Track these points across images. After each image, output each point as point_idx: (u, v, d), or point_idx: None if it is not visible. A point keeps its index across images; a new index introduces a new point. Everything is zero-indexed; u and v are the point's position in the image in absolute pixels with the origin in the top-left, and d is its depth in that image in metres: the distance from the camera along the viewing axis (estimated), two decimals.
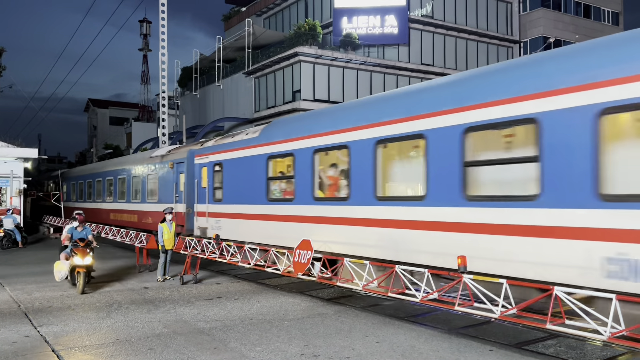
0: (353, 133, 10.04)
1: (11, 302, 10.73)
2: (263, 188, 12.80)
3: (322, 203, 10.92)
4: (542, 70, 7.18)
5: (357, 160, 9.89)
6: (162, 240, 13.27)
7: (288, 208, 11.89)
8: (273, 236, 12.28)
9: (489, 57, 40.31)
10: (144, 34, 64.53)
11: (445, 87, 8.92)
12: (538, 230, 6.89)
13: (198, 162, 16.29)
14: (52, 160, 77.39)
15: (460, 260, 7.61)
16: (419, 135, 8.69)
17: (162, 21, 31.44)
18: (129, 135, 54.66)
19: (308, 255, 10.35)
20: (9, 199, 25.08)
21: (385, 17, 35.76)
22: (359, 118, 10.10)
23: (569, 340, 7.60)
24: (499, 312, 7.09)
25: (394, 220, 9.10)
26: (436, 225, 8.32)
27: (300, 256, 10.53)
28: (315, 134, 11.07)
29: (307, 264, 10.27)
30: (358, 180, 9.88)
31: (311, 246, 10.40)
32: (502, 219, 7.35)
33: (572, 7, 42.56)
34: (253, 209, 13.28)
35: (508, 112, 7.32)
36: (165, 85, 32.42)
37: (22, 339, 7.85)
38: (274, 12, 42.79)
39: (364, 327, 8.49)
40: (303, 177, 11.34)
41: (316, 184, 11.12)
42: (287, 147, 11.93)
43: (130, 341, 7.70)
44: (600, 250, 6.22)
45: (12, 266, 16.44)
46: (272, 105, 34.84)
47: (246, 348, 7.31)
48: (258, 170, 13.00)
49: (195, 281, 12.99)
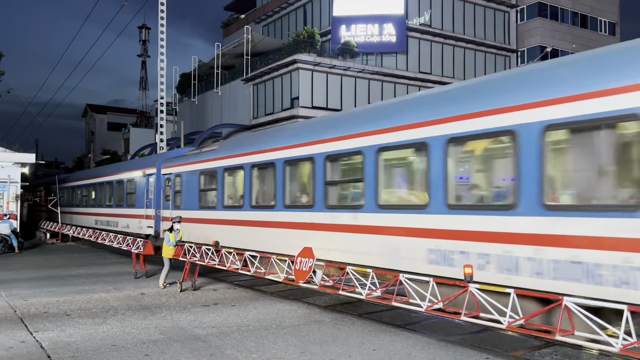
0: (276, 152, 12.50)
1: (7, 307, 10.70)
2: (197, 197, 16.22)
3: (257, 210, 13.13)
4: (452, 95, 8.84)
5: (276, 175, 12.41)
6: (169, 245, 13.35)
7: (237, 214, 13.90)
8: (226, 238, 14.10)
9: (486, 66, 40.54)
10: (142, 40, 64.77)
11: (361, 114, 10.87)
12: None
13: (164, 173, 19.07)
14: (50, 165, 77.27)
15: (469, 270, 7.37)
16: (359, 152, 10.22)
17: (161, 27, 31.55)
18: (127, 141, 54.66)
19: (310, 263, 10.18)
20: (6, 204, 25.02)
21: (383, 25, 35.95)
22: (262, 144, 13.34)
23: (566, 349, 7.61)
24: (506, 323, 6.94)
25: (296, 222, 11.59)
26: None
27: (302, 264, 10.36)
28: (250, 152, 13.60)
29: (309, 272, 10.13)
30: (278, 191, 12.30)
31: (313, 254, 10.25)
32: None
33: (569, 17, 42.87)
34: (204, 214, 15.77)
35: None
36: (163, 91, 32.49)
37: (18, 345, 7.82)
38: (273, 19, 42.99)
39: (361, 334, 8.49)
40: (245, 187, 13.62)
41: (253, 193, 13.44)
42: (235, 161, 14.25)
43: (126, 347, 7.68)
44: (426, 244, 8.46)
45: (8, 271, 16.38)
46: (270, 112, 34.92)
47: (242, 355, 7.30)
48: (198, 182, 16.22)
49: (194, 288, 12.91)
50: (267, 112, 35.17)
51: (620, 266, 6.04)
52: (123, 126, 63.08)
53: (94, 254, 22.26)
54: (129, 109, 75.72)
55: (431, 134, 8.44)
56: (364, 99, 34.51)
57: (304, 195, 11.78)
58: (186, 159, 17.44)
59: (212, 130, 36.26)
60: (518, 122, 7.19)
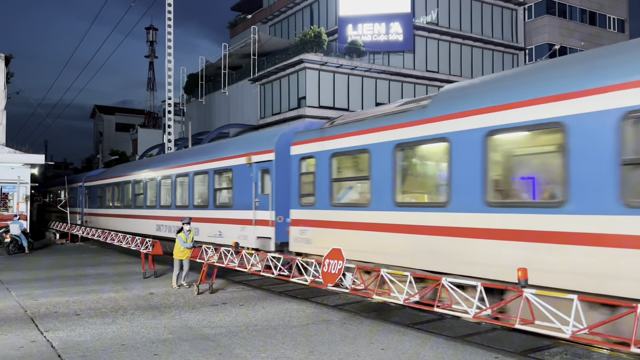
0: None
1: (17, 307, 10.78)
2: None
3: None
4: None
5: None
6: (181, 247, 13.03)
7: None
8: None
9: (494, 64, 40.35)
10: (150, 41, 65.05)
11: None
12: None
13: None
14: (59, 166, 77.79)
15: (521, 273, 6.64)
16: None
17: (168, 28, 31.69)
18: (135, 142, 54.95)
19: (339, 265, 9.65)
20: (16, 204, 25.23)
21: (390, 24, 35.89)
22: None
23: (575, 349, 7.56)
24: (570, 332, 6.14)
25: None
26: None
27: (330, 266, 9.76)
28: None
29: (339, 275, 9.59)
30: None
31: (342, 255, 9.71)
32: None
33: (578, 14, 42.57)
34: None
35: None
36: (171, 91, 32.63)
37: (29, 344, 7.88)
38: (280, 19, 43.03)
39: (369, 334, 8.47)
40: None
41: None
42: None
43: (135, 347, 7.72)
44: None
45: (19, 271, 16.51)
46: (277, 112, 34.96)
47: (251, 354, 7.31)
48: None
49: (212, 291, 12.41)
50: (274, 112, 35.22)
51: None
52: (131, 127, 63.42)
53: (102, 254, 22.39)
54: (136, 109, 76.12)
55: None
56: (371, 98, 34.47)
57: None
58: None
59: (219, 130, 36.37)
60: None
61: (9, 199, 25.48)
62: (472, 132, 8.46)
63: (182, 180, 19.81)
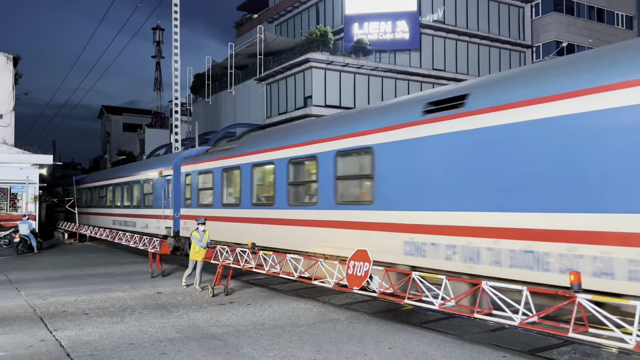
0: None
1: (27, 306, 10.87)
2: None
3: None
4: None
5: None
6: (197, 249, 12.80)
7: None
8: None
9: (501, 62, 40.16)
10: (157, 42, 65.25)
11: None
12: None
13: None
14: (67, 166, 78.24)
15: (574, 277, 6.25)
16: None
17: (175, 29, 31.78)
18: (142, 142, 55.15)
19: (366, 267, 9.09)
20: (25, 205, 25.40)
21: (396, 22, 35.79)
22: None
23: (584, 348, 7.52)
24: (633, 342, 5.89)
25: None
26: None
27: (356, 268, 9.27)
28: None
29: (365, 277, 9.05)
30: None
31: (369, 257, 9.17)
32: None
33: (585, 11, 42.27)
34: None
35: None
36: (178, 92, 32.72)
37: (38, 343, 7.94)
38: (286, 18, 43.04)
39: (376, 333, 8.47)
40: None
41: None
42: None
43: (143, 346, 7.76)
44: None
45: (28, 271, 16.64)
46: (283, 111, 34.98)
47: (258, 353, 7.33)
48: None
49: (227, 293, 12.12)
50: (281, 112, 35.24)
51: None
52: (138, 127, 63.69)
53: (110, 254, 22.51)
54: (144, 109, 76.41)
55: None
56: (377, 97, 34.42)
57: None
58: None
59: (226, 130, 36.43)
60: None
61: (17, 199, 25.67)
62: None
63: (123, 186, 27.20)
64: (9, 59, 27.97)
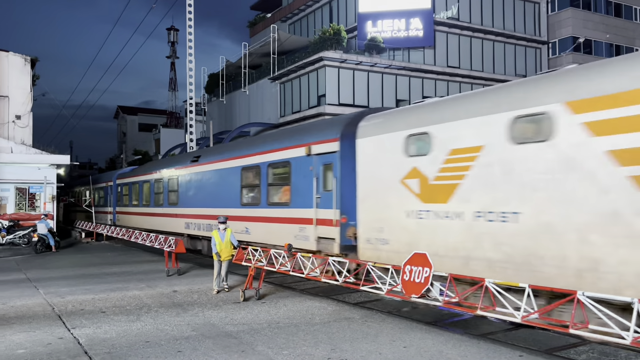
0: None
1: (45, 304, 11.02)
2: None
3: None
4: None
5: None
6: (215, 249, 12.12)
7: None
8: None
9: (516, 59, 39.74)
10: (171, 42, 65.64)
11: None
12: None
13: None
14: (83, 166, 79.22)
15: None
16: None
17: (189, 29, 31.96)
18: (158, 142, 55.59)
19: (426, 273, 8.16)
20: (43, 204, 25.77)
21: (410, 20, 35.60)
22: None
23: (602, 347, 7.42)
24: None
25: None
26: None
27: (413, 274, 8.36)
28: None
29: (425, 284, 8.13)
30: None
31: (429, 262, 8.18)
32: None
33: (603, 6, 41.62)
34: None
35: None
36: (192, 91, 32.92)
37: (56, 341, 8.05)
38: (299, 17, 43.04)
39: (391, 331, 8.44)
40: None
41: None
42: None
43: (159, 344, 7.82)
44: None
45: (46, 270, 16.87)
46: (297, 110, 35.01)
47: (273, 351, 7.35)
48: None
49: (258, 297, 11.38)
50: (294, 110, 35.27)
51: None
52: (154, 127, 64.17)
53: (127, 253, 22.74)
54: (159, 109, 76.98)
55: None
56: (391, 95, 34.28)
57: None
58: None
59: (240, 129, 36.57)
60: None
61: (36, 199, 26.05)
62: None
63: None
64: (26, 60, 28.38)
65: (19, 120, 27.87)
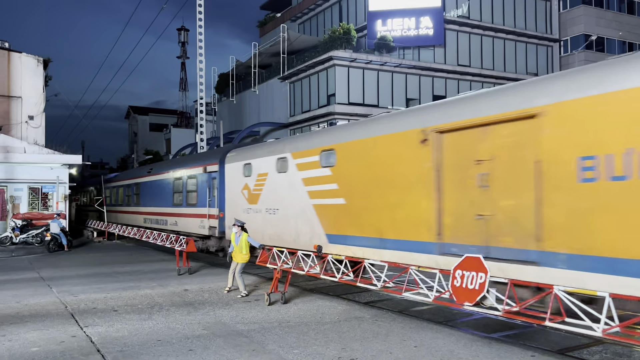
0: None
1: (58, 303, 11.13)
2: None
3: None
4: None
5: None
6: (232, 248, 11.97)
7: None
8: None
9: (527, 57, 39.44)
10: (182, 42, 65.95)
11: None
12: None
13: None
14: (95, 166, 79.81)
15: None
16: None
17: (199, 29, 32.09)
18: (168, 141, 55.91)
19: (481, 279, 7.44)
20: (55, 204, 26.02)
21: (420, 18, 35.47)
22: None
23: (616, 347, 7.35)
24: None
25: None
26: None
27: (466, 279, 7.69)
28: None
29: (481, 292, 7.42)
30: None
31: (485, 266, 7.50)
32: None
33: (615, 3, 41.16)
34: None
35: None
36: (202, 91, 33.06)
37: (69, 339, 8.13)
38: (309, 17, 43.06)
39: (402, 331, 8.43)
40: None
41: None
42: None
43: (171, 342, 7.87)
44: None
45: (59, 268, 17.04)
46: (307, 110, 35.03)
47: (284, 350, 7.37)
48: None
49: (284, 301, 10.91)
50: (304, 110, 35.30)
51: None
52: (164, 127, 64.52)
53: (138, 252, 22.89)
54: (169, 109, 77.37)
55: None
56: (401, 94, 34.19)
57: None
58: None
59: (250, 129, 36.69)
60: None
61: (48, 199, 26.31)
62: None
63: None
64: (39, 61, 28.67)
65: (31, 120, 28.18)
